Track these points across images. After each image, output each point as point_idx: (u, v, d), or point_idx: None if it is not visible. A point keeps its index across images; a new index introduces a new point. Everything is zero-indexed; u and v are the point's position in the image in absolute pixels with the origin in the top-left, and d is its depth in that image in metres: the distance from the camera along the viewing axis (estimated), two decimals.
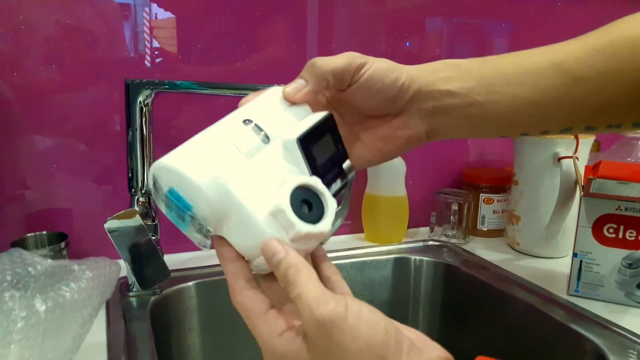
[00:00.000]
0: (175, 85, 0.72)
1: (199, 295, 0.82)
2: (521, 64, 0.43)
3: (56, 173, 0.84)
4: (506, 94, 0.42)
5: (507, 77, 0.42)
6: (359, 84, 0.42)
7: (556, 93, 0.41)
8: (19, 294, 0.47)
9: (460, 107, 0.43)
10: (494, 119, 0.43)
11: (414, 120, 0.44)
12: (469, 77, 0.43)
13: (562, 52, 0.42)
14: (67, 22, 0.80)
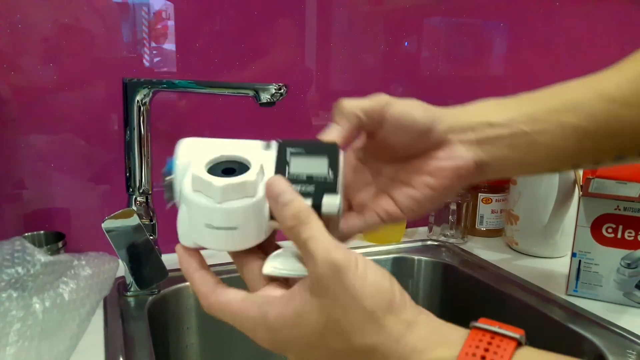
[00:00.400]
0: (174, 84, 0.72)
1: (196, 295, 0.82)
2: (560, 94, 0.42)
3: (54, 173, 0.84)
4: (552, 122, 0.41)
5: (548, 106, 0.41)
6: (389, 119, 0.41)
7: (603, 119, 0.40)
8: (17, 294, 0.47)
9: (504, 137, 0.41)
10: (544, 147, 0.41)
11: (459, 150, 0.41)
12: (507, 109, 0.42)
13: (601, 81, 0.42)
14: (64, 21, 0.80)
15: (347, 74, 1.01)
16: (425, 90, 1.08)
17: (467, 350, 0.31)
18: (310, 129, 1.00)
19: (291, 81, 0.93)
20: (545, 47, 1.16)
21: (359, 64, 1.02)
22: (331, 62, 0.99)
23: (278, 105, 0.70)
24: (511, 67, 1.16)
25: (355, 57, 1.01)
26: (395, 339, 0.32)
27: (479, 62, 1.14)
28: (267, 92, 0.65)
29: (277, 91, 0.65)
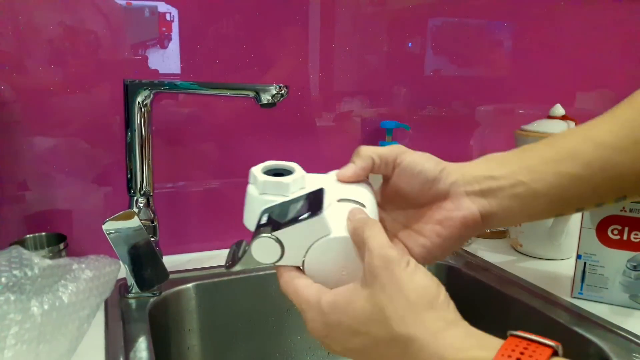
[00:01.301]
0: (175, 85, 0.72)
1: (198, 296, 0.81)
2: (556, 144, 0.46)
3: (56, 174, 0.83)
4: (548, 172, 0.44)
5: (545, 157, 0.45)
6: (402, 166, 0.46)
7: (598, 165, 0.43)
8: (15, 297, 0.46)
9: (506, 187, 0.45)
10: (543, 195, 0.44)
11: (465, 202, 0.45)
12: (508, 163, 0.46)
13: (593, 128, 0.45)
14: (69, 23, 0.79)
15: (350, 75, 1.00)
16: (429, 91, 1.08)
17: (504, 353, 0.31)
18: (313, 130, 0.99)
19: (294, 82, 0.93)
20: (549, 47, 1.16)
21: (362, 65, 1.01)
22: (334, 63, 0.99)
23: (281, 106, 0.70)
24: (515, 67, 1.15)
25: (358, 58, 1.00)
26: (433, 333, 0.34)
27: (483, 62, 1.13)
28: (268, 93, 0.65)
29: (277, 92, 0.65)
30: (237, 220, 0.97)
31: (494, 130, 1.16)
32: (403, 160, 0.46)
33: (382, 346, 0.36)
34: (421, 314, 0.34)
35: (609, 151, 0.43)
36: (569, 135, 0.46)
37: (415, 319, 0.34)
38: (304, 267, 0.43)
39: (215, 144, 0.92)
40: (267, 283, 0.87)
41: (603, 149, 0.43)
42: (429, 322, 0.34)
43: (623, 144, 0.43)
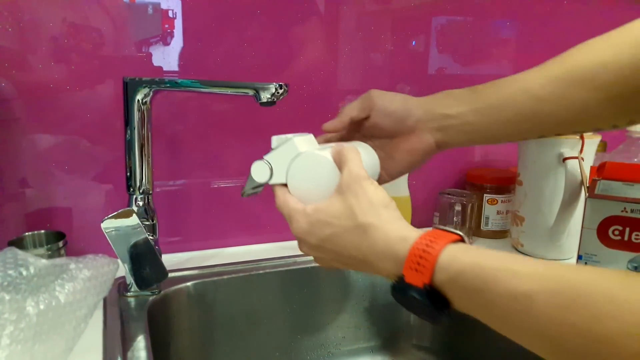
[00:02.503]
0: (176, 83, 0.71)
1: (197, 295, 0.81)
2: (500, 92, 0.57)
3: (56, 172, 0.83)
4: (490, 116, 0.57)
5: (488, 103, 0.57)
6: (376, 108, 0.61)
7: (527, 112, 0.56)
8: (10, 297, 0.46)
9: (457, 125, 0.59)
10: (483, 132, 0.58)
11: (426, 136, 0.60)
12: (461, 104, 0.59)
13: (530, 81, 0.56)
14: (71, 20, 0.79)
15: (353, 73, 1.00)
16: (432, 90, 1.07)
17: (426, 235, 0.44)
18: (315, 129, 0.99)
19: (295, 81, 0.93)
20: (553, 45, 1.15)
21: (365, 63, 1.01)
22: (337, 61, 0.98)
23: (281, 105, 0.70)
24: (519, 66, 1.14)
25: (361, 57, 1.00)
26: (385, 221, 0.47)
27: (487, 61, 1.12)
28: (268, 92, 0.64)
29: (277, 90, 0.64)
30: (237, 219, 0.97)
31: None
32: (376, 103, 0.61)
33: (348, 233, 0.48)
34: (379, 210, 0.48)
35: (537, 102, 0.55)
36: (509, 84, 0.57)
37: (374, 213, 0.47)
38: (287, 182, 0.56)
39: (215, 142, 0.92)
40: (267, 282, 0.86)
41: (534, 100, 0.55)
42: (383, 215, 0.47)
43: (549, 97, 0.54)
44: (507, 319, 0.38)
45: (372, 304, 0.94)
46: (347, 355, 0.95)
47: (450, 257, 0.41)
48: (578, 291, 0.34)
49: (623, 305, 0.32)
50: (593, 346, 0.33)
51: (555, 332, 0.35)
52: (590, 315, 0.33)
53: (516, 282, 0.37)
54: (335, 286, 0.92)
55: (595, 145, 0.91)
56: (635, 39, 0.50)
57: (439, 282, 0.42)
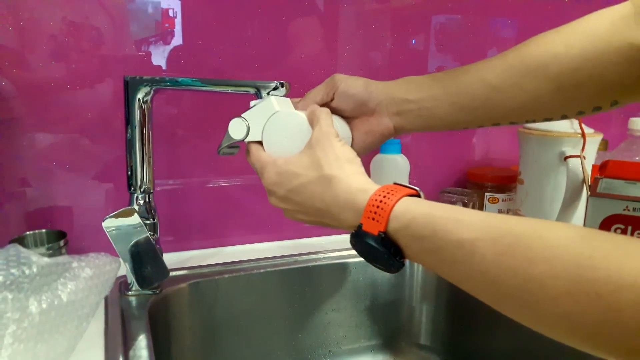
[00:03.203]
0: (177, 82, 0.71)
1: (198, 294, 0.81)
2: (457, 79, 0.59)
3: (57, 171, 0.83)
4: (447, 102, 0.59)
5: (446, 90, 0.59)
6: (338, 91, 0.62)
7: (481, 99, 0.57)
8: (12, 296, 0.46)
9: (415, 110, 0.61)
10: (439, 118, 0.60)
11: (385, 119, 0.62)
12: (420, 90, 0.61)
13: (485, 69, 0.58)
14: (71, 18, 0.79)
15: (353, 72, 0.99)
16: None
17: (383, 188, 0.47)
18: None
19: (295, 79, 0.92)
20: None
21: (365, 62, 1.01)
22: (337, 60, 0.98)
23: None
24: None
25: (361, 55, 1.00)
26: (348, 174, 0.50)
27: None
28: (269, 90, 0.64)
29: (278, 88, 0.64)
30: (238, 218, 0.97)
31: (497, 128, 1.15)
32: (339, 87, 0.62)
33: (313, 183, 0.51)
34: (343, 164, 0.51)
35: (490, 90, 0.56)
36: (466, 72, 0.59)
37: (339, 166, 0.50)
38: (263, 138, 0.58)
39: (216, 141, 0.91)
40: (268, 281, 0.86)
41: (488, 88, 0.57)
42: (347, 169, 0.50)
43: (502, 85, 0.56)
44: (453, 265, 0.41)
45: (373, 302, 0.94)
46: (348, 354, 0.95)
47: (404, 207, 0.44)
48: (517, 237, 0.37)
49: (555, 249, 0.34)
50: (526, 286, 0.35)
51: (494, 275, 0.37)
52: (524, 258, 0.35)
53: (462, 230, 0.40)
54: (336, 285, 0.91)
55: (597, 143, 0.91)
56: (585, 32, 0.52)
57: (393, 230, 0.44)
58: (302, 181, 0.52)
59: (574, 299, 0.33)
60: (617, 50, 0.51)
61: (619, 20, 0.51)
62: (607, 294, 0.31)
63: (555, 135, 0.89)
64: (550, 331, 0.36)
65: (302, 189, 0.52)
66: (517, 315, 0.38)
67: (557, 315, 0.34)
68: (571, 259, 0.33)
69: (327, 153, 0.51)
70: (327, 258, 0.91)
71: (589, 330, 0.33)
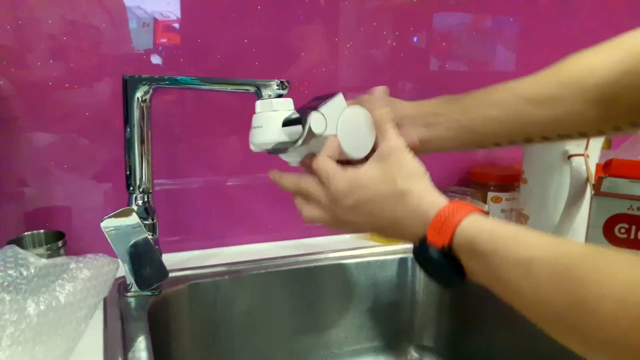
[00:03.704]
0: (176, 80, 0.70)
1: (198, 295, 0.80)
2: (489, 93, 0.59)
3: (55, 170, 0.82)
4: (478, 114, 0.58)
5: (478, 102, 0.59)
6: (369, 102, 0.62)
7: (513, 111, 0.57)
8: (10, 297, 0.45)
9: (444, 122, 0.60)
10: (470, 131, 0.59)
11: (409, 131, 0.61)
12: (452, 104, 0.60)
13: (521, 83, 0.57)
14: (70, 17, 0.78)
15: (354, 70, 0.99)
16: (434, 87, 1.06)
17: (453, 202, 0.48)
18: None
19: (296, 78, 0.92)
20: (556, 42, 1.14)
21: (366, 60, 1.00)
22: (338, 58, 0.97)
23: None
24: (521, 63, 1.14)
25: (362, 53, 0.99)
26: (422, 189, 0.50)
27: (489, 58, 1.12)
28: (269, 89, 0.64)
29: (279, 87, 0.63)
30: (238, 218, 0.96)
31: None
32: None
33: (386, 196, 0.51)
34: (416, 179, 0.51)
35: (524, 103, 0.56)
36: (499, 87, 0.58)
37: (412, 180, 0.51)
38: (337, 131, 0.57)
39: (215, 140, 0.91)
40: (269, 282, 0.86)
41: (521, 101, 0.56)
42: (419, 184, 0.51)
43: (534, 97, 0.55)
44: (508, 282, 0.41)
45: (374, 303, 0.94)
46: (349, 355, 0.94)
47: (470, 223, 0.45)
48: (573, 260, 0.37)
49: (607, 272, 0.35)
50: (574, 308, 0.35)
51: (546, 295, 0.38)
52: (576, 280, 0.36)
53: (521, 249, 0.40)
54: (337, 286, 0.91)
55: (601, 142, 0.90)
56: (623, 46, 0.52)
57: (456, 244, 0.45)
58: (374, 193, 0.52)
59: (617, 323, 0.33)
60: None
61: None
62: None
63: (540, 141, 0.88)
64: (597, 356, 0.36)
65: (373, 201, 0.52)
66: (566, 339, 0.37)
67: (602, 340, 0.34)
68: (620, 280, 0.33)
69: (401, 167, 0.52)
70: (328, 259, 0.90)
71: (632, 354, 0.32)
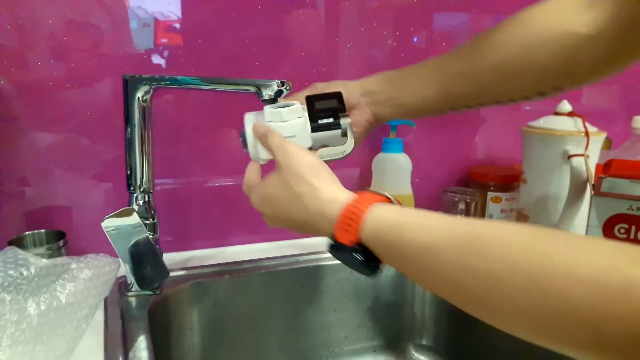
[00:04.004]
0: (176, 80, 0.70)
1: (199, 295, 0.81)
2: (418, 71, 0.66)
3: (56, 170, 0.83)
4: (411, 92, 0.66)
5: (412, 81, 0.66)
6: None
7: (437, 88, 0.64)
8: (10, 298, 0.45)
9: (385, 100, 0.67)
10: (407, 105, 0.67)
11: (365, 110, 0.68)
12: (390, 82, 0.68)
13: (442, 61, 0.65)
14: (71, 17, 0.78)
15: (354, 70, 0.99)
16: None
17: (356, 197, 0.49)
18: None
19: (296, 77, 0.92)
20: None
21: (366, 60, 1.00)
22: (338, 57, 0.97)
23: None
24: None
25: (362, 53, 0.99)
26: (316, 187, 0.52)
27: None
28: (270, 89, 0.64)
29: (279, 88, 0.63)
30: (239, 218, 0.97)
31: (499, 126, 1.14)
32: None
33: (289, 202, 0.54)
34: (309, 178, 0.53)
35: (445, 79, 0.63)
36: (426, 64, 0.66)
37: (304, 181, 0.52)
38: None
39: (216, 140, 0.91)
40: (269, 281, 0.86)
41: (443, 77, 0.63)
42: (314, 181, 0.52)
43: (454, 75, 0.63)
44: (420, 268, 0.42)
45: (374, 303, 0.94)
46: (349, 354, 0.94)
47: (374, 216, 0.46)
48: (479, 238, 0.38)
49: (514, 247, 0.36)
50: (485, 285, 0.36)
51: (457, 275, 0.39)
52: (484, 257, 0.37)
53: (426, 234, 0.42)
54: (337, 285, 0.91)
55: (601, 142, 0.90)
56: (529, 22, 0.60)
57: (365, 238, 0.46)
58: (279, 202, 0.55)
59: (529, 295, 0.34)
60: (557, 39, 0.55)
61: (561, 10, 0.56)
62: (561, 289, 0.32)
63: (559, 133, 0.88)
64: (511, 328, 0.37)
65: (283, 209, 0.55)
66: (481, 314, 0.39)
67: (515, 312, 0.35)
68: (527, 255, 0.35)
69: (291, 170, 0.54)
70: (328, 258, 0.90)
71: (544, 324, 0.34)
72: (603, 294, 0.31)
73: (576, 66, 0.56)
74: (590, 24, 0.53)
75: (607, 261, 0.32)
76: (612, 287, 0.30)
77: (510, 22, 0.62)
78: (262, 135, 0.60)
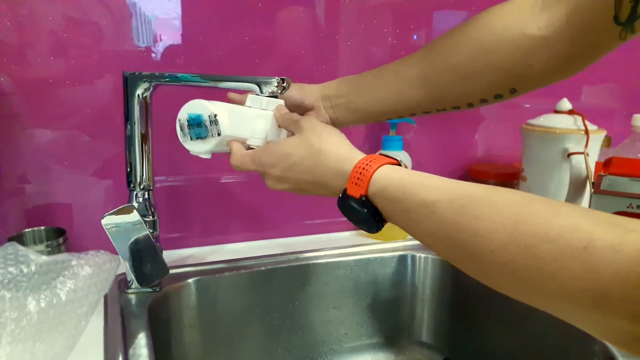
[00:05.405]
0: (176, 77, 0.70)
1: (199, 292, 0.81)
2: (378, 76, 0.68)
3: (56, 167, 0.83)
4: (368, 95, 0.68)
5: (369, 85, 0.68)
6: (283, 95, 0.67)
7: (396, 92, 0.66)
8: (10, 295, 0.45)
9: (344, 103, 0.69)
10: (363, 111, 0.69)
11: (322, 112, 0.71)
12: (349, 86, 0.70)
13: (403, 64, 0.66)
14: (69, 14, 0.78)
15: (354, 67, 0.99)
16: None
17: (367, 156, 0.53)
18: None
19: (296, 75, 0.92)
20: None
21: (366, 58, 1.00)
22: (338, 55, 0.97)
23: None
24: None
25: (362, 50, 0.99)
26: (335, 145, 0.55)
27: None
28: (270, 86, 0.64)
29: (279, 84, 0.63)
30: (239, 215, 0.97)
31: (499, 124, 1.14)
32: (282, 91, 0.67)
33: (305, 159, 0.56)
34: (329, 138, 0.56)
35: (404, 84, 0.65)
36: (387, 69, 0.67)
37: (326, 140, 0.55)
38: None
39: None
40: (269, 279, 0.86)
41: (402, 82, 0.65)
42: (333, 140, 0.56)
43: (412, 79, 0.64)
44: (418, 223, 0.46)
45: (374, 300, 0.94)
46: (349, 351, 0.94)
47: (382, 174, 0.50)
48: (470, 198, 0.42)
49: (499, 209, 0.40)
50: (471, 240, 0.40)
51: (448, 231, 0.43)
52: (473, 215, 0.41)
53: (427, 192, 0.45)
54: (337, 283, 0.91)
55: (601, 140, 0.90)
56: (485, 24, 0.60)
57: (372, 193, 0.50)
58: (295, 159, 0.57)
59: (508, 251, 0.37)
60: (511, 41, 0.56)
61: (516, 12, 0.57)
62: (533, 246, 0.36)
63: (559, 131, 0.88)
64: (492, 281, 0.41)
65: (296, 165, 0.57)
66: (466, 267, 0.43)
67: (495, 265, 0.39)
68: (510, 216, 0.38)
69: (313, 130, 0.57)
70: (328, 256, 0.91)
71: (519, 277, 0.37)
72: (566, 251, 0.34)
73: (530, 67, 0.56)
74: (544, 26, 0.54)
75: (574, 222, 0.35)
76: (573, 246, 0.34)
77: (469, 24, 0.62)
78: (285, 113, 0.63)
